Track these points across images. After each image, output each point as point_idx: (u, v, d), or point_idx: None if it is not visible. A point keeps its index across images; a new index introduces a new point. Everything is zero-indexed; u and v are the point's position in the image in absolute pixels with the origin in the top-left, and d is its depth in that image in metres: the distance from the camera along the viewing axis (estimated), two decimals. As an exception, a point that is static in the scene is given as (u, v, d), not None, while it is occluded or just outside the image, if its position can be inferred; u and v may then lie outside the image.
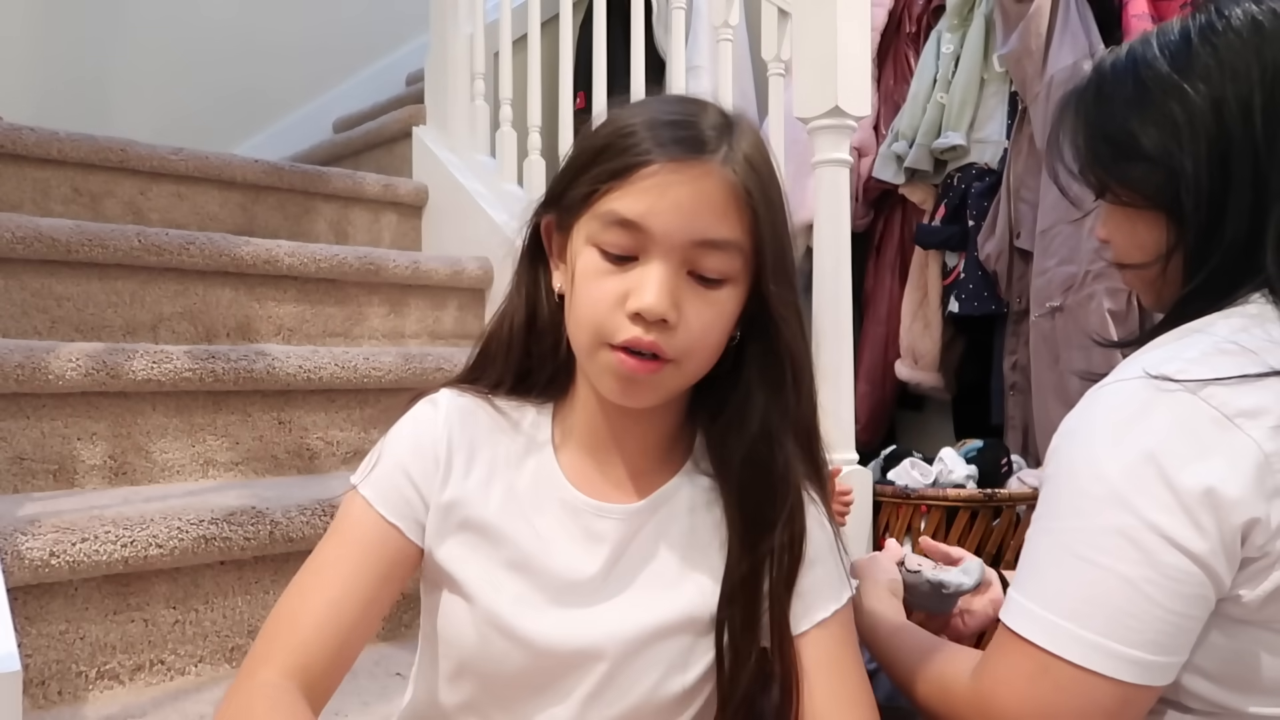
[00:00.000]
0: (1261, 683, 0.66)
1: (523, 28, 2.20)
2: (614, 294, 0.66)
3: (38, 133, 1.83)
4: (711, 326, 0.67)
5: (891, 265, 2.35)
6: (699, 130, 0.67)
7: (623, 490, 0.74)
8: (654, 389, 0.68)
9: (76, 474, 1.32)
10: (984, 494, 1.76)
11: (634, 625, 0.71)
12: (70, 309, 1.56)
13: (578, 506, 0.73)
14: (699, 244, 0.66)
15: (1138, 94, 0.75)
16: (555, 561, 0.72)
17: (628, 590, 0.72)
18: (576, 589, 0.71)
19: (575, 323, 0.69)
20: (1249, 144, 0.71)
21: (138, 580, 1.12)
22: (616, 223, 0.66)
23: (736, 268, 0.67)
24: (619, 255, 0.66)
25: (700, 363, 0.69)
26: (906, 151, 2.19)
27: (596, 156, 0.67)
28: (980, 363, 2.20)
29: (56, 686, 1.06)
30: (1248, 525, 0.62)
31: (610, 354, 0.66)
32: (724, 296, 0.68)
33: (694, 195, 0.65)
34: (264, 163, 2.13)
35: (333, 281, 1.84)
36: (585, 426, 0.75)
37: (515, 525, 0.72)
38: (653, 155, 0.65)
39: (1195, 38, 0.74)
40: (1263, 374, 0.64)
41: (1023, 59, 1.98)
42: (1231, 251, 0.71)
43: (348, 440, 1.57)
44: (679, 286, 0.66)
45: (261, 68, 3.62)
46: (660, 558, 0.73)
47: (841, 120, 1.43)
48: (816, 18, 1.42)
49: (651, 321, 0.65)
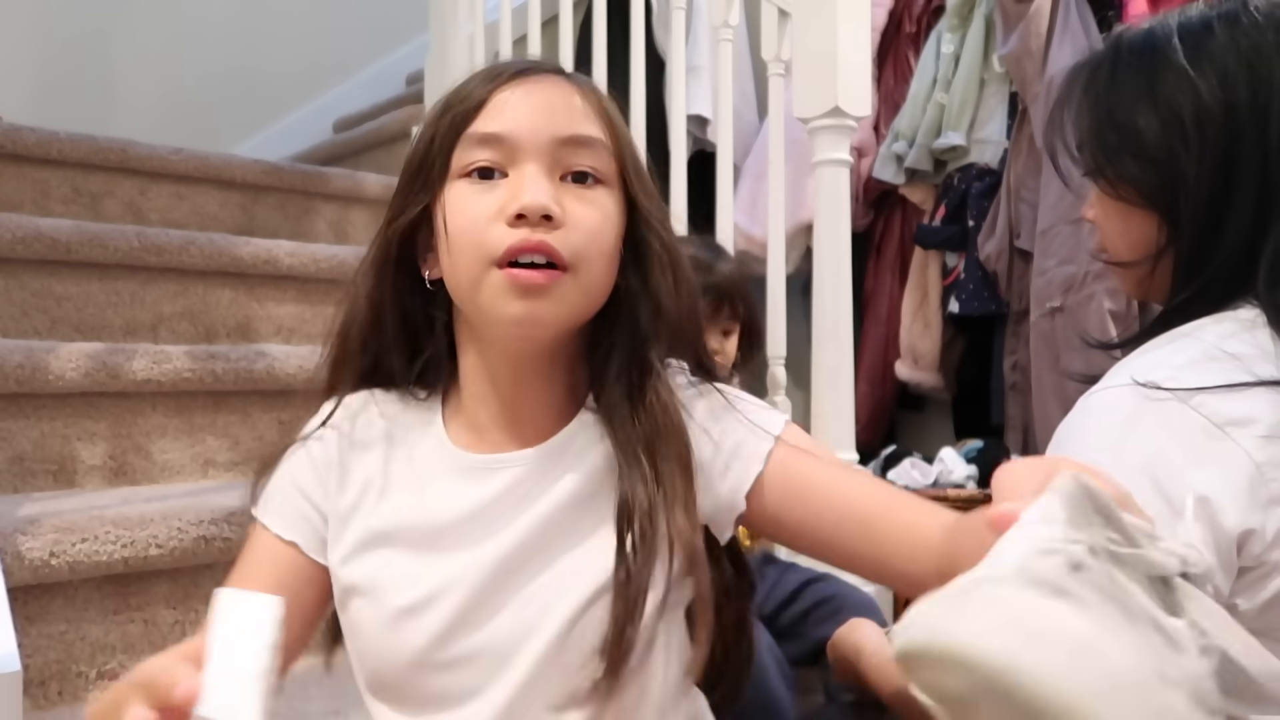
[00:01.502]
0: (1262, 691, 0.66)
1: (523, 28, 2.20)
2: (491, 208, 0.63)
3: (38, 133, 1.83)
4: (601, 228, 0.65)
5: (891, 265, 2.35)
6: (527, 61, 0.69)
7: (519, 442, 0.69)
8: (556, 304, 0.64)
9: (76, 474, 1.32)
10: (984, 494, 1.76)
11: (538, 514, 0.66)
12: (70, 309, 1.56)
13: (472, 465, 0.68)
14: (564, 141, 0.65)
15: (1148, 83, 0.72)
16: (453, 521, 0.67)
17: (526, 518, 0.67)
18: (476, 538, 0.66)
19: (455, 255, 0.65)
20: (1258, 153, 0.68)
21: (138, 580, 1.12)
22: (478, 142, 0.65)
23: (607, 166, 0.67)
24: (487, 170, 0.65)
25: (597, 273, 0.65)
26: (906, 151, 2.19)
27: (440, 117, 0.67)
28: (980, 363, 2.20)
29: (56, 686, 1.06)
30: (1243, 536, 0.61)
31: (500, 274, 0.63)
32: (602, 196, 0.66)
33: (548, 98, 0.66)
34: (264, 163, 2.13)
35: (333, 281, 1.84)
36: (475, 397, 0.70)
37: (409, 510, 0.68)
38: (495, 82, 0.66)
39: (1217, 28, 0.70)
40: (1250, 383, 0.63)
41: (1023, 59, 1.98)
42: (1227, 264, 0.69)
43: (348, 440, 1.57)
44: (557, 188, 0.64)
45: (262, 68, 3.62)
46: (567, 485, 0.67)
47: (841, 120, 1.43)
48: (816, 18, 1.42)
49: (535, 221, 0.62)
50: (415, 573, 0.66)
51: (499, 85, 0.66)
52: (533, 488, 0.67)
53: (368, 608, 0.66)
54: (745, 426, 0.69)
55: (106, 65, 3.56)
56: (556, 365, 0.69)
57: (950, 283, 2.19)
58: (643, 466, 0.66)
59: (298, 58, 3.60)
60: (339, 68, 3.57)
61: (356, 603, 0.67)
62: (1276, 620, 0.64)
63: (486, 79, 0.67)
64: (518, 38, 2.33)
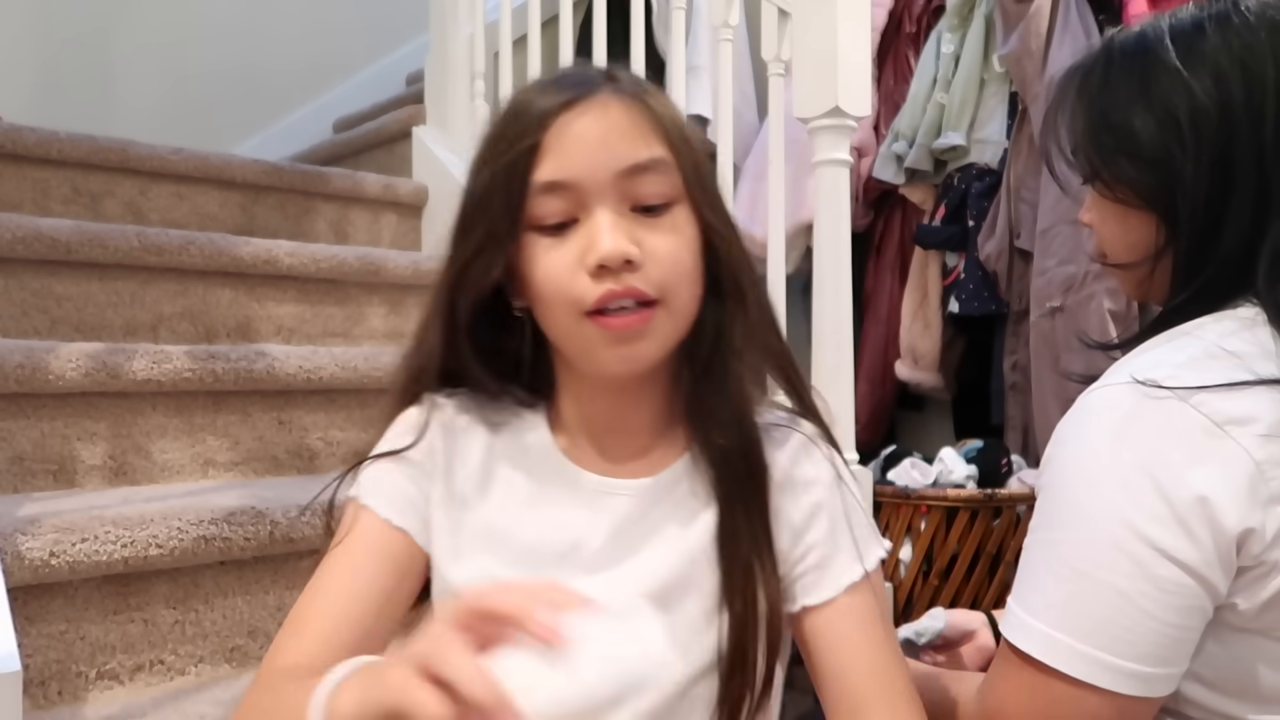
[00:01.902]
0: (1262, 691, 0.65)
1: (523, 28, 2.20)
2: (569, 260, 0.63)
3: (38, 133, 1.83)
4: (679, 253, 0.64)
5: (891, 265, 2.35)
6: (579, 75, 0.66)
7: (632, 468, 0.70)
8: (651, 341, 0.64)
9: (76, 474, 1.32)
10: (984, 494, 1.76)
11: (640, 590, 0.66)
12: (70, 309, 1.56)
13: (584, 486, 0.69)
14: (626, 173, 0.63)
15: (1142, 84, 0.72)
16: (559, 546, 0.68)
17: (634, 559, 0.68)
18: (581, 569, 0.68)
19: (546, 309, 0.65)
20: (1254, 151, 0.67)
21: (138, 580, 1.12)
22: (543, 191, 0.63)
23: (674, 187, 0.65)
24: (558, 224, 0.64)
25: (686, 298, 0.65)
26: (906, 151, 2.19)
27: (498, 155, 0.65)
28: (980, 363, 2.20)
29: (56, 686, 1.06)
30: (1243, 535, 0.61)
31: (593, 325, 0.63)
32: (676, 220, 0.65)
33: (603, 125, 0.63)
34: (264, 163, 2.13)
35: (333, 281, 1.84)
36: (580, 413, 0.71)
37: (518, 519, 0.69)
38: (549, 116, 0.63)
39: (1209, 29, 0.70)
40: (1250, 382, 0.63)
41: (1023, 59, 1.98)
42: (1226, 263, 0.69)
43: (348, 440, 1.57)
44: (630, 225, 0.63)
45: (262, 68, 3.62)
46: (671, 527, 0.69)
47: (841, 120, 1.43)
48: (816, 18, 1.42)
49: (617, 268, 0.62)
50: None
51: (552, 116, 0.63)
52: (641, 524, 0.68)
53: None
54: (847, 542, 0.69)
55: (107, 65, 3.56)
56: (653, 383, 0.70)
57: (950, 283, 2.19)
58: (750, 527, 0.66)
59: (298, 57, 3.60)
60: (339, 68, 3.57)
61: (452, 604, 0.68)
62: (1276, 619, 0.64)
63: (539, 112, 0.64)
64: (518, 38, 2.33)
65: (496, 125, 0.67)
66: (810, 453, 0.70)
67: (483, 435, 0.72)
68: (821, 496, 0.69)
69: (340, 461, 1.56)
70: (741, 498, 0.67)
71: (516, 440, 0.72)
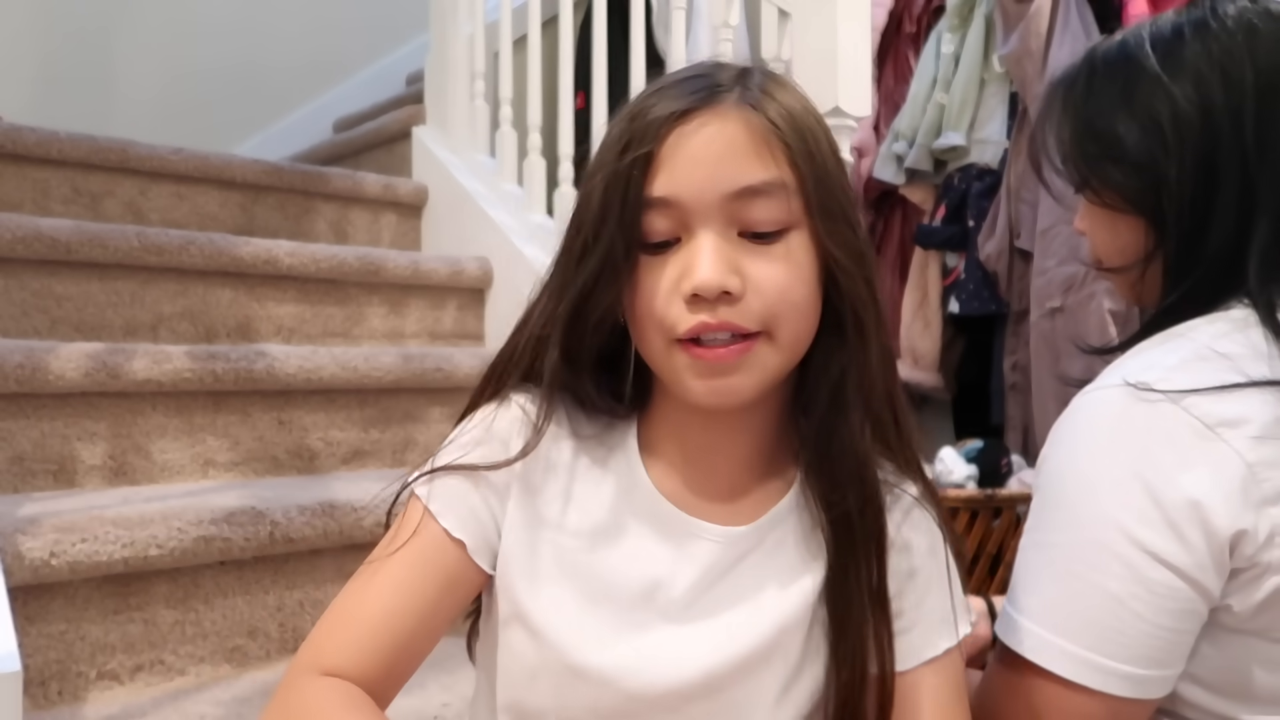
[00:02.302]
0: (1258, 692, 0.65)
1: (523, 28, 2.20)
2: (668, 283, 0.59)
3: (38, 133, 1.83)
4: (789, 284, 0.59)
5: (891, 265, 2.36)
6: (706, 79, 0.61)
7: (723, 509, 0.65)
8: (748, 374, 0.59)
9: (76, 474, 1.32)
10: (984, 494, 1.76)
11: (723, 657, 0.62)
12: (70, 309, 1.56)
13: (671, 521, 0.64)
14: (736, 195, 0.58)
15: (1125, 92, 0.73)
16: (639, 585, 0.63)
17: (719, 618, 0.63)
18: (661, 615, 0.63)
19: (639, 329, 0.61)
20: (1237, 152, 0.68)
21: (138, 580, 1.12)
22: (651, 207, 0.59)
23: (791, 211, 0.59)
24: (660, 242, 0.59)
25: (794, 331, 0.60)
26: (906, 151, 2.19)
27: (621, 153, 0.60)
28: (980, 363, 2.20)
29: (56, 686, 1.06)
30: (1235, 537, 0.61)
31: (682, 353, 0.59)
32: (790, 247, 0.59)
33: (713, 143, 0.58)
34: (264, 163, 2.13)
35: (333, 281, 1.84)
36: (673, 438, 0.66)
37: (598, 551, 0.64)
38: (666, 123, 0.58)
39: (1188, 35, 0.71)
40: (1242, 384, 0.63)
41: (1023, 59, 1.98)
42: (1215, 264, 0.69)
43: (348, 440, 1.57)
44: (735, 252, 0.58)
45: (262, 67, 3.62)
46: (763, 585, 0.64)
47: (841, 120, 1.43)
48: (816, 18, 1.42)
49: (714, 299, 0.57)
50: (594, 635, 0.62)
51: (669, 126, 0.59)
52: (729, 576, 0.64)
53: (531, 646, 0.64)
54: (935, 613, 0.65)
55: (107, 65, 3.56)
56: (754, 417, 0.65)
57: (950, 283, 2.19)
58: (865, 591, 0.62)
59: (298, 57, 3.60)
60: (339, 68, 3.57)
61: (520, 633, 0.64)
62: (1271, 621, 0.64)
63: (656, 119, 0.59)
64: (518, 38, 2.33)
65: (614, 127, 0.62)
66: (916, 516, 0.66)
67: (570, 450, 0.66)
68: (919, 563, 0.66)
69: (340, 461, 1.56)
70: (859, 559, 0.62)
71: (604, 459, 0.67)
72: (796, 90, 0.63)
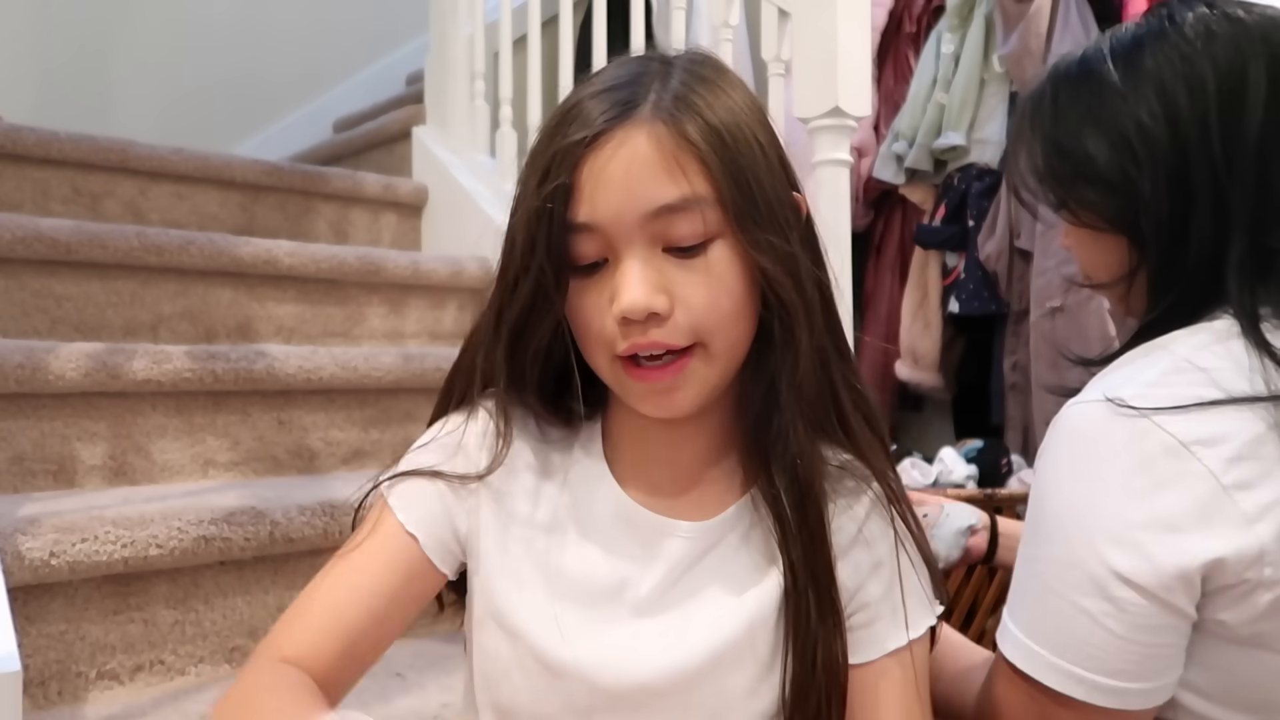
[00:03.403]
0: (1259, 701, 0.65)
1: (523, 28, 2.20)
2: (601, 302, 0.60)
3: (38, 133, 1.83)
4: (716, 297, 0.59)
5: (891, 265, 2.35)
6: (624, 91, 0.60)
7: (687, 505, 0.67)
8: (686, 390, 0.61)
9: (76, 474, 1.32)
10: (984, 494, 1.76)
11: (693, 652, 0.64)
12: (70, 309, 1.56)
13: (636, 519, 0.66)
14: (654, 215, 0.58)
15: (1090, 108, 0.72)
16: (607, 581, 0.65)
17: (689, 615, 0.65)
18: (631, 611, 0.65)
19: (585, 348, 0.63)
20: (1207, 160, 0.67)
21: (138, 580, 1.12)
22: (575, 232, 0.59)
23: (712, 223, 0.59)
24: (591, 264, 0.60)
25: (727, 340, 0.61)
26: (906, 151, 2.19)
27: (539, 184, 0.60)
28: (980, 363, 2.20)
29: (56, 686, 1.06)
30: (1207, 560, 0.60)
31: (624, 371, 0.61)
32: (715, 258, 0.59)
33: (626, 166, 0.58)
34: (264, 163, 2.13)
35: (333, 281, 1.84)
36: (634, 439, 0.68)
37: (568, 549, 0.66)
38: (579, 148, 0.59)
39: (1148, 45, 0.71)
40: (1220, 401, 0.62)
41: (1023, 59, 1.98)
42: (1196, 276, 0.69)
43: (348, 440, 1.57)
44: (661, 269, 0.59)
45: (262, 68, 3.62)
46: (731, 581, 0.65)
47: (841, 120, 1.43)
48: (816, 18, 1.42)
49: (643, 320, 0.58)
50: (565, 631, 0.64)
51: (583, 153, 0.59)
52: (695, 570, 0.65)
53: (505, 644, 0.65)
54: (898, 606, 0.66)
55: (107, 65, 3.56)
56: (708, 417, 0.66)
57: (950, 283, 2.19)
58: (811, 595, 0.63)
59: (298, 58, 3.60)
60: (339, 68, 3.57)
61: (495, 631, 0.66)
62: (1268, 631, 0.63)
63: (570, 146, 0.59)
64: (518, 38, 2.33)
65: (534, 151, 0.63)
66: (878, 513, 0.67)
67: (535, 451, 0.68)
68: (882, 556, 0.66)
69: (340, 461, 1.56)
70: (803, 554, 0.64)
71: (570, 461, 0.69)
72: (724, 87, 0.62)
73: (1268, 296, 0.67)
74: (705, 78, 0.62)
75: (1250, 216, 0.67)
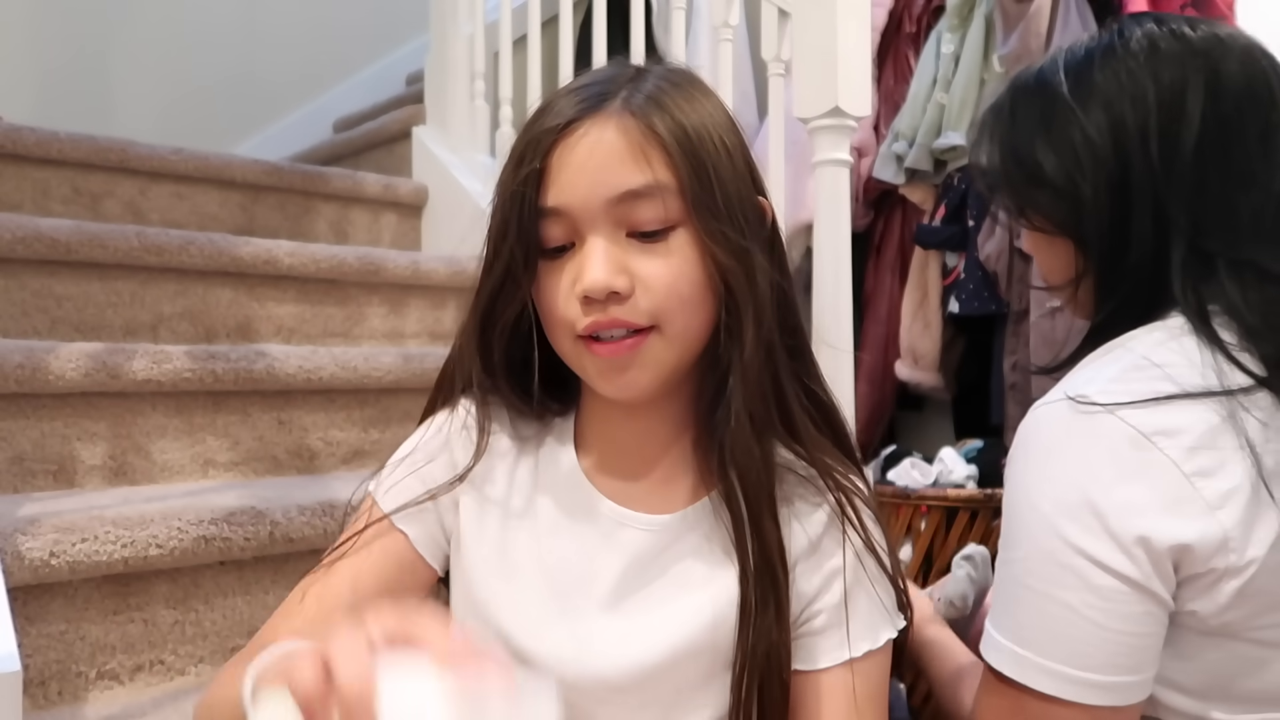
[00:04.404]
0: (1238, 692, 0.66)
1: (523, 28, 2.20)
2: (565, 284, 0.63)
3: (38, 133, 1.83)
4: (675, 280, 0.62)
5: (891, 265, 2.35)
6: (597, 87, 0.64)
7: (653, 498, 0.69)
8: (643, 368, 0.63)
9: (76, 474, 1.32)
10: (984, 494, 1.76)
11: (653, 650, 0.65)
12: (70, 309, 1.56)
13: (600, 511, 0.69)
14: (619, 200, 0.62)
15: (1042, 118, 0.76)
16: (574, 573, 0.67)
17: (651, 611, 0.66)
18: (594, 604, 0.67)
19: (550, 331, 0.67)
20: (1147, 170, 0.70)
21: (138, 580, 1.12)
22: (544, 216, 0.63)
23: (674, 210, 0.63)
24: (558, 248, 0.64)
25: (683, 324, 0.64)
26: (906, 151, 2.19)
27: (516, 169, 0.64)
28: (980, 363, 2.20)
29: (56, 686, 1.06)
30: (1176, 547, 0.62)
31: (585, 350, 0.64)
32: (676, 245, 0.63)
33: (593, 152, 0.62)
34: (264, 163, 2.13)
35: (333, 281, 1.84)
36: (602, 431, 0.71)
37: (539, 542, 0.68)
38: (550, 135, 0.62)
39: (1097, 60, 0.74)
40: (1177, 395, 0.64)
41: (1023, 59, 1.98)
42: (1139, 278, 0.72)
43: (348, 440, 1.57)
44: (624, 252, 0.62)
45: (262, 68, 3.62)
46: (692, 578, 0.67)
47: (841, 120, 1.43)
48: (816, 18, 1.42)
49: (604, 299, 0.61)
50: (534, 620, 0.66)
51: (554, 140, 0.63)
52: (657, 563, 0.67)
53: (481, 633, 0.67)
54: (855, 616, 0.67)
55: (107, 65, 3.56)
56: (669, 406, 0.69)
57: (950, 283, 2.18)
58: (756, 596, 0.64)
59: (298, 58, 3.60)
60: (339, 68, 3.57)
61: (470, 623, 0.68)
62: (1238, 621, 0.64)
63: (542, 134, 0.64)
64: (518, 38, 2.33)
65: (516, 143, 0.66)
66: (837, 523, 0.68)
67: (512, 450, 0.72)
68: (839, 567, 0.67)
69: (340, 461, 1.56)
70: (757, 562, 0.65)
71: (542, 456, 0.72)
72: (695, 94, 0.65)
73: (1213, 296, 0.69)
74: (678, 84, 0.66)
75: (1189, 222, 0.70)
